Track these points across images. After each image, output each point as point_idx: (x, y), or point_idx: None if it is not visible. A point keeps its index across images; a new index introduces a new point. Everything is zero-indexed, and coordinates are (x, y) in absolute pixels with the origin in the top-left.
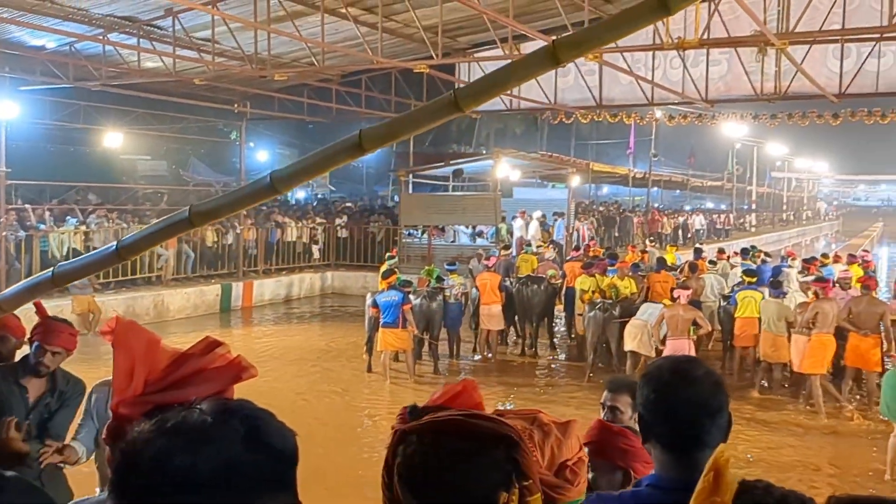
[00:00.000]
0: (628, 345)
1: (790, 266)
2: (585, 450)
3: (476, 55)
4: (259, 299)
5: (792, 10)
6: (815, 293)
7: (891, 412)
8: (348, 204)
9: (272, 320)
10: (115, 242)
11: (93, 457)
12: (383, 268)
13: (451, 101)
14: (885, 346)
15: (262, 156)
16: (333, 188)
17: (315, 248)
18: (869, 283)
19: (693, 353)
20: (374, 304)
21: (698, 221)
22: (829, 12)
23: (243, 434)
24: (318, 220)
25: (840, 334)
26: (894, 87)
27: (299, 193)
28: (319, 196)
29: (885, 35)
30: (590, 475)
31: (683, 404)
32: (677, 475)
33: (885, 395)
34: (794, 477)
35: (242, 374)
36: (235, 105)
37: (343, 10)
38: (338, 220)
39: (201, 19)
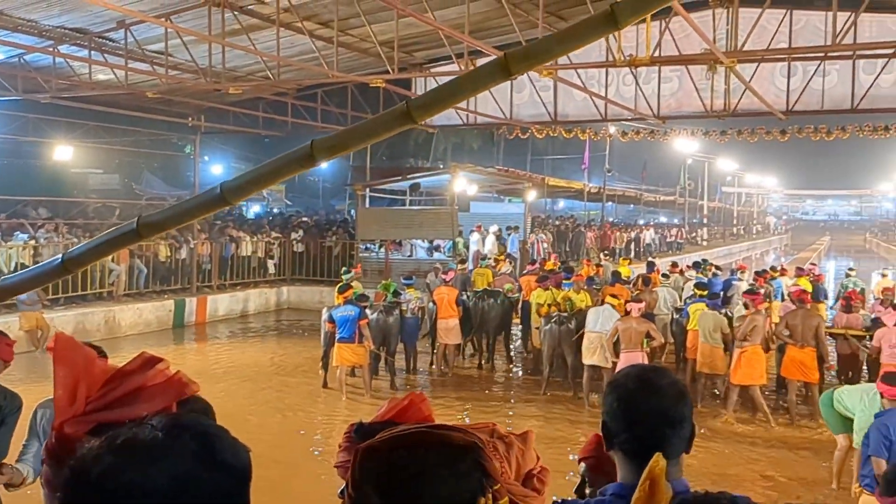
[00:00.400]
0: (587, 358)
1: (740, 279)
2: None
3: (432, 70)
4: (213, 315)
5: (740, 29)
6: (745, 304)
7: (832, 427)
8: (304, 218)
9: (227, 336)
10: (60, 255)
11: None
12: (349, 283)
13: (404, 112)
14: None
15: (217, 170)
16: (289, 202)
17: (270, 263)
18: (803, 296)
19: None
20: (330, 319)
21: (649, 235)
22: (776, 32)
23: (195, 450)
24: (274, 234)
25: (779, 347)
26: (839, 105)
27: (254, 207)
28: (275, 210)
29: (829, 54)
30: (587, 489)
31: (646, 414)
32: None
33: (822, 413)
34: (733, 485)
35: (184, 390)
36: (190, 118)
37: (299, 24)
38: (294, 235)
39: (154, 32)
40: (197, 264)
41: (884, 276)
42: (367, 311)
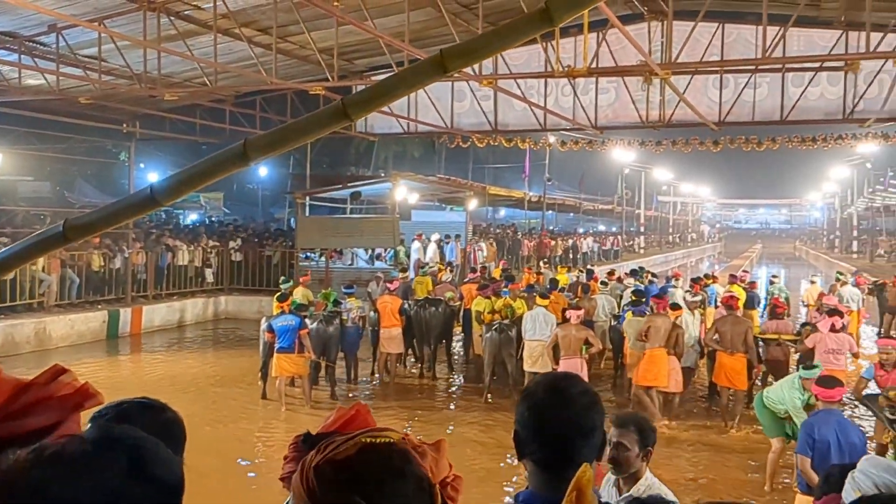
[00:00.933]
0: (529, 366)
1: (675, 286)
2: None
3: (373, 78)
4: (149, 325)
5: (674, 42)
6: (651, 307)
7: (767, 430)
8: (241, 226)
9: (163, 347)
10: None
11: None
12: (288, 292)
13: (340, 110)
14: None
15: (154, 177)
16: (228, 210)
17: (208, 272)
18: (732, 302)
19: (585, 372)
20: (270, 329)
21: (586, 244)
22: (708, 45)
23: (126, 464)
24: (211, 242)
25: (709, 354)
26: (769, 117)
27: (192, 216)
28: (214, 218)
29: (759, 67)
30: None
31: (556, 423)
32: (549, 493)
33: (758, 416)
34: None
35: (86, 402)
36: (124, 125)
37: (237, 31)
38: (232, 243)
39: (87, 36)
40: (132, 274)
41: (812, 282)
42: (307, 321)
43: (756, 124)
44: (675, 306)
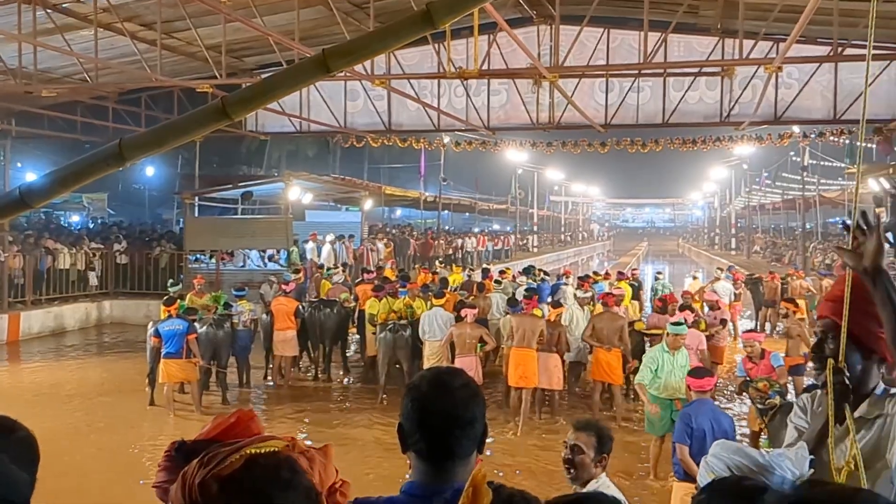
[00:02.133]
0: (428, 366)
1: (566, 283)
2: None
3: (263, 76)
4: (27, 332)
5: (562, 46)
6: (521, 308)
7: (652, 428)
8: (126, 227)
9: (43, 354)
10: None
11: None
12: (177, 295)
13: (219, 108)
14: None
15: (33, 177)
16: (112, 211)
17: (92, 276)
18: (607, 299)
19: (479, 369)
20: (156, 334)
21: (470, 244)
22: (594, 49)
23: None
24: (95, 245)
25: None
26: (652, 119)
27: (73, 217)
28: (99, 220)
29: (642, 72)
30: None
31: (437, 415)
32: (431, 483)
33: (646, 413)
34: (535, 482)
35: None
36: None
37: (119, 25)
38: (116, 246)
39: None
40: (8, 279)
41: (695, 278)
42: (196, 325)
43: (640, 127)
44: (557, 304)
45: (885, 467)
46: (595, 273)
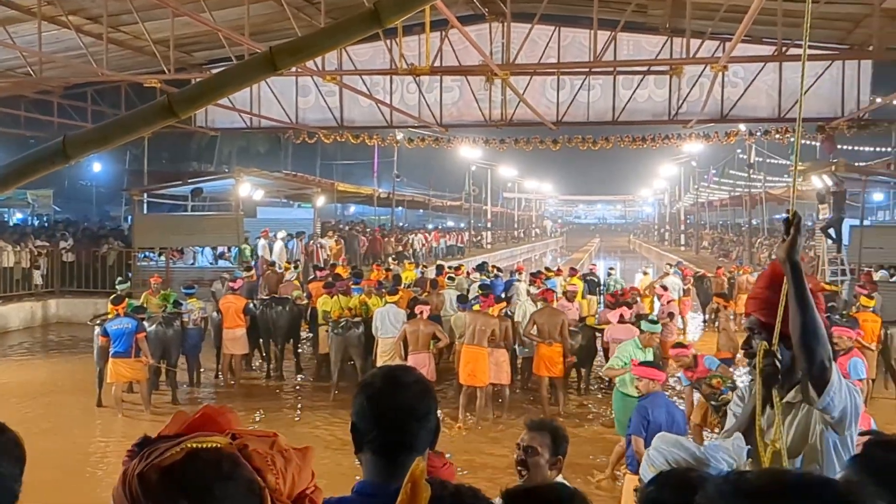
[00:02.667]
0: (381, 363)
1: (519, 280)
2: None
3: (213, 71)
4: None
5: (513, 43)
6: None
7: (619, 426)
8: (73, 225)
9: None
10: None
11: None
12: (124, 294)
13: (165, 106)
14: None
15: None
16: (58, 209)
17: (36, 274)
18: (547, 295)
19: (433, 366)
20: (104, 333)
21: (418, 241)
22: (545, 47)
23: None
24: (40, 242)
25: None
26: (602, 117)
27: (17, 214)
28: (45, 217)
29: (592, 70)
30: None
31: (393, 409)
32: (384, 480)
33: (615, 409)
34: (482, 477)
35: None
36: None
37: (63, 18)
38: (63, 243)
39: None
40: None
41: (645, 273)
42: (145, 324)
43: (591, 124)
44: (500, 299)
45: (812, 451)
46: (547, 269)
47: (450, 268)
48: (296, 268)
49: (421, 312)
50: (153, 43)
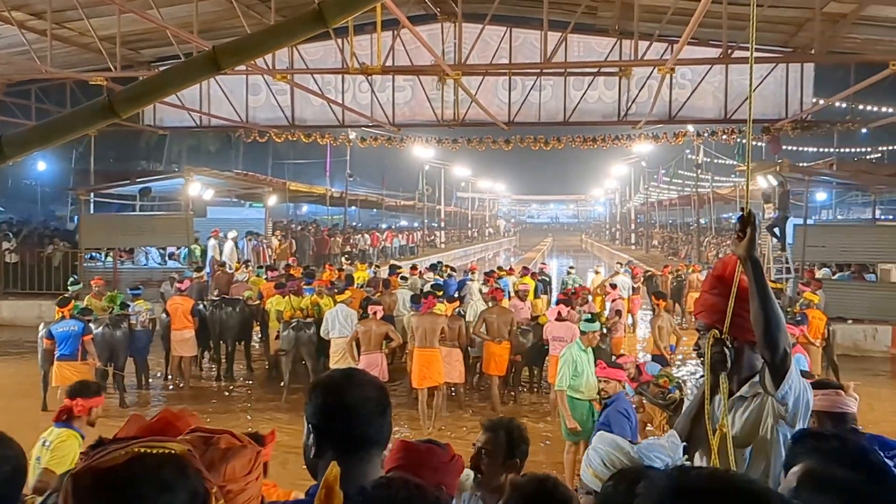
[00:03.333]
0: (333, 363)
1: (472, 279)
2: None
3: (161, 69)
4: None
5: (465, 44)
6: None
7: (575, 435)
8: (17, 225)
9: None
10: None
11: None
12: (73, 296)
13: (106, 105)
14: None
15: None
16: (2, 208)
17: None
18: (496, 294)
19: (385, 366)
20: (49, 336)
21: (363, 241)
22: (497, 48)
23: None
24: None
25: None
26: (554, 118)
27: None
28: None
29: (543, 71)
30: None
31: (357, 403)
32: (343, 483)
33: (575, 417)
34: None
35: None
36: None
37: (6, 14)
38: (6, 244)
39: None
40: None
41: (597, 272)
42: (92, 326)
43: (543, 125)
44: (452, 299)
45: (762, 443)
46: (500, 268)
47: (412, 267)
48: (247, 268)
49: (374, 313)
50: (99, 40)
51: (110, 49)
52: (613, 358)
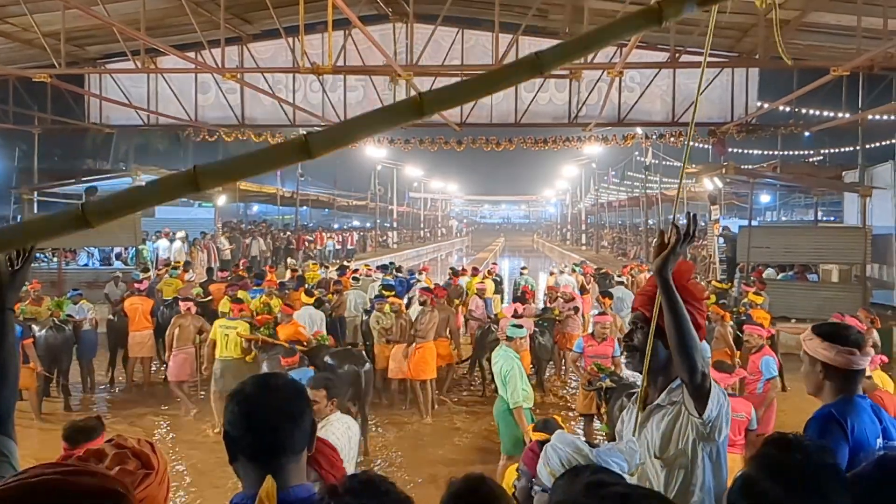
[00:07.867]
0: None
1: (419, 280)
2: None
3: (108, 66)
4: None
5: (417, 45)
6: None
7: (504, 445)
8: None
9: None
10: None
11: None
12: (24, 305)
13: (79, 216)
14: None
15: None
16: None
17: None
18: (438, 292)
19: (194, 361)
20: None
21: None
22: (449, 49)
23: None
24: None
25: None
26: (505, 119)
27: None
28: None
29: None
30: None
31: (265, 411)
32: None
33: (500, 423)
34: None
35: None
36: None
37: None
38: None
39: None
40: None
41: (552, 274)
42: (34, 328)
43: (494, 126)
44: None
45: (680, 455)
46: (452, 269)
47: (380, 267)
48: (185, 269)
49: (188, 308)
50: (43, 36)
51: (54, 45)
52: (562, 353)
